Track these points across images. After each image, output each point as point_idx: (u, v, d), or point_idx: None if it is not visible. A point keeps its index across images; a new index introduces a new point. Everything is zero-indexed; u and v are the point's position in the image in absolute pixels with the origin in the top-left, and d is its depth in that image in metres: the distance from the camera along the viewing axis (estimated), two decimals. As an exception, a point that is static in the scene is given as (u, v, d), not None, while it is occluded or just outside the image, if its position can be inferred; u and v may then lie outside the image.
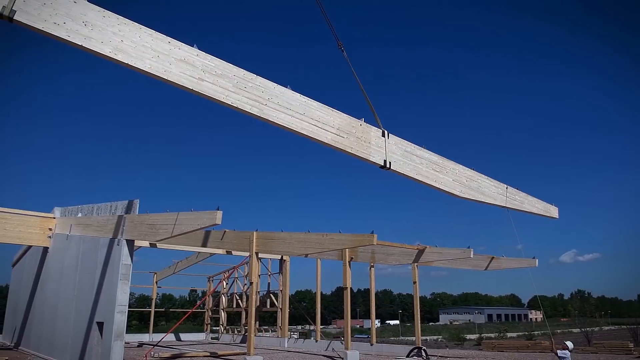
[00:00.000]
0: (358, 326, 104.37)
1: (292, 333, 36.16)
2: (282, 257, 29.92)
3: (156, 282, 35.50)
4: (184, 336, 36.38)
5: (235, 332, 34.87)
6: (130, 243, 14.41)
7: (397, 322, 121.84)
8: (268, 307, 31.25)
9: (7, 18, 5.99)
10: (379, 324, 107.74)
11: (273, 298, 30.95)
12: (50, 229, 20.99)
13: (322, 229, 17.67)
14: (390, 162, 10.14)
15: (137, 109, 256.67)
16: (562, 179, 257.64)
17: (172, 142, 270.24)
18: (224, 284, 35.74)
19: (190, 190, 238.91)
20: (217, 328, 36.36)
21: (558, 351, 13.33)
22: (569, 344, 13.74)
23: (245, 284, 33.20)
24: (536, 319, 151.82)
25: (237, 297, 34.20)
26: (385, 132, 10.38)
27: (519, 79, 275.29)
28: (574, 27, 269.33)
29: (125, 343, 15.56)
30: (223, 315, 35.92)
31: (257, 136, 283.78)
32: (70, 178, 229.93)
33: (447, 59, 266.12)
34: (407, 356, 21.02)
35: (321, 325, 29.84)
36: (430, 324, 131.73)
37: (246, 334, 27.51)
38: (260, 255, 21.51)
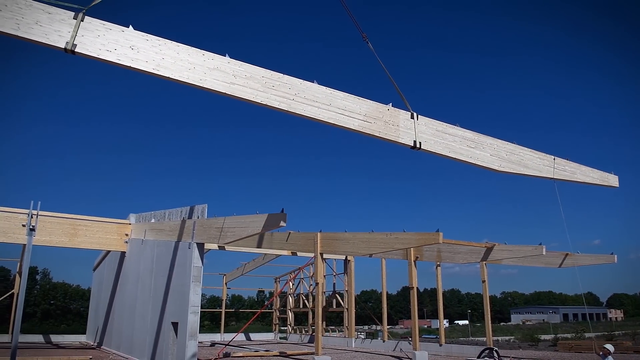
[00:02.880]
0: (426, 326, 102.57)
1: (359, 333, 36.12)
2: (346, 257, 29.99)
3: (226, 284, 36.63)
4: (253, 336, 37.33)
5: (303, 332, 35.28)
6: (200, 246, 14.93)
7: (466, 322, 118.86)
8: (334, 307, 31.41)
9: (70, 51, 7.14)
10: (447, 324, 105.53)
11: (339, 298, 31.08)
12: (126, 235, 22.18)
13: (386, 229, 17.52)
14: (420, 142, 9.98)
15: (201, 113, 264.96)
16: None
17: (235, 144, 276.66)
18: (290, 284, 36.26)
19: (253, 191, 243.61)
20: (285, 328, 36.96)
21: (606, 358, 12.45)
22: (610, 347, 12.88)
23: (311, 285, 33.54)
24: (616, 318, 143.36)
25: (304, 298, 34.61)
26: (414, 113, 10.19)
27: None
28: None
29: (199, 342, 16.15)
30: (290, 315, 36.47)
31: (321, 137, 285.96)
32: (143, 179, 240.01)
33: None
34: (478, 357, 20.47)
35: (388, 325, 29.65)
36: (502, 324, 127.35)
37: (314, 333, 27.77)
38: (324, 255, 21.67)
